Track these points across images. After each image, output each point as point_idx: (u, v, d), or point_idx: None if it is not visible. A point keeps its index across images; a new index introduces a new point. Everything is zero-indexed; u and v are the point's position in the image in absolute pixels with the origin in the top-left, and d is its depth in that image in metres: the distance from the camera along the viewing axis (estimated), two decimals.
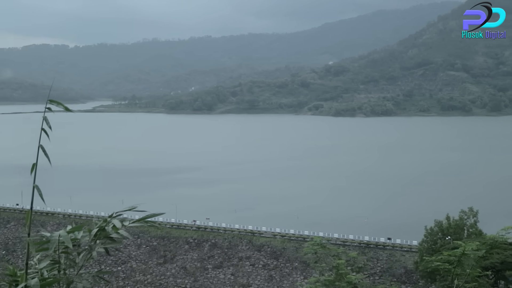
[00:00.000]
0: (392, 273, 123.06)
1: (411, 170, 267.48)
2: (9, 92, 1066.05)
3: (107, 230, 8.77)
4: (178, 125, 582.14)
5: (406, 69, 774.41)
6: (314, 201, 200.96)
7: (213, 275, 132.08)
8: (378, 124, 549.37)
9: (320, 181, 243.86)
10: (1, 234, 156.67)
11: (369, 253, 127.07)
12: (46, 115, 8.95)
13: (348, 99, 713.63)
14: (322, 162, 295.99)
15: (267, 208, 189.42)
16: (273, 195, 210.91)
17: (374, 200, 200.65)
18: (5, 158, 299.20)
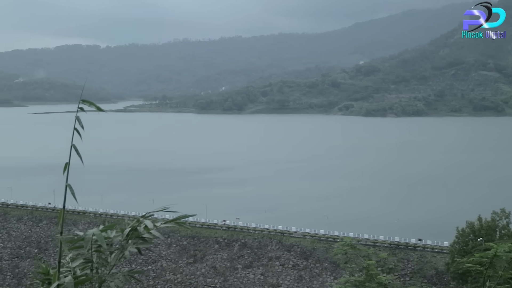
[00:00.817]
0: (423, 274, 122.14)
1: (443, 170, 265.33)
2: (42, 92, 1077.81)
3: (139, 230, 8.80)
4: (208, 125, 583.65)
5: (437, 69, 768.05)
6: (344, 201, 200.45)
7: (243, 275, 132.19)
8: (408, 124, 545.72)
9: (350, 181, 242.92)
10: (34, 232, 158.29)
11: (399, 254, 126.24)
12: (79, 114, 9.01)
13: (379, 99, 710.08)
14: (352, 162, 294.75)
15: (297, 208, 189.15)
16: (303, 195, 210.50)
17: (404, 201, 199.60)
18: (38, 158, 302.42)
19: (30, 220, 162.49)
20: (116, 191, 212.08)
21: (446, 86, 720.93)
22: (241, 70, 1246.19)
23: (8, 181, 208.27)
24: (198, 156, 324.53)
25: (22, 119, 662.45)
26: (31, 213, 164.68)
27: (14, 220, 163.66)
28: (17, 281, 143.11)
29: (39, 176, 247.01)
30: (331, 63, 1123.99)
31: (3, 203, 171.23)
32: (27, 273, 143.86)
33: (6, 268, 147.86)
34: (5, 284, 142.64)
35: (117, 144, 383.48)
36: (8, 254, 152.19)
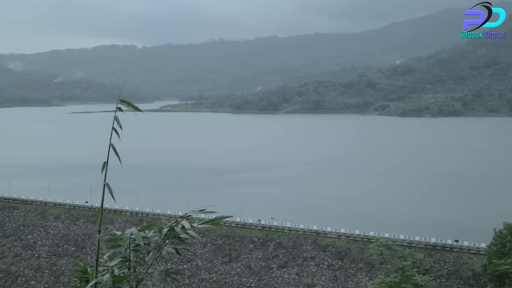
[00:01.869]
0: (460, 275, 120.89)
1: (479, 170, 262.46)
2: (79, 92, 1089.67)
3: (176, 230, 8.84)
4: (244, 125, 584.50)
5: (475, 69, 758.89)
6: (380, 201, 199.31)
7: (278, 274, 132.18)
8: (445, 124, 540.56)
9: (385, 181, 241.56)
10: (71, 231, 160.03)
11: (435, 255, 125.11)
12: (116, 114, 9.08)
13: (415, 99, 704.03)
14: (387, 163, 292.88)
15: (332, 208, 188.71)
16: (338, 195, 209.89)
17: (440, 201, 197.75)
18: (76, 157, 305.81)
19: (67, 218, 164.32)
20: (152, 190, 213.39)
21: (483, 86, 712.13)
22: (276, 70, 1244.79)
23: (47, 180, 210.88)
24: (233, 156, 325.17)
25: (60, 119, 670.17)
26: (69, 212, 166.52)
27: (52, 218, 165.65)
28: (54, 278, 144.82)
29: (76, 175, 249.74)
30: (367, 63, 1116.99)
31: (42, 202, 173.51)
32: (65, 271, 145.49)
33: (44, 265, 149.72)
34: (43, 282, 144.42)
35: (153, 143, 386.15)
36: (46, 252, 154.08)
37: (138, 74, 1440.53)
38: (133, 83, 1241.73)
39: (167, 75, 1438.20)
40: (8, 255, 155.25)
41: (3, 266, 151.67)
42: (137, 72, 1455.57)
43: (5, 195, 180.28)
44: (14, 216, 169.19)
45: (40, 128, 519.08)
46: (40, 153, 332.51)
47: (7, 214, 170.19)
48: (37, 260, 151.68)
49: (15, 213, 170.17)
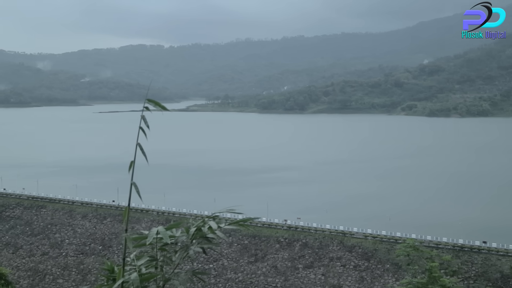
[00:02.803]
0: (488, 277, 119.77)
1: (508, 172, 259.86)
2: (107, 92, 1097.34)
3: (203, 230, 8.84)
4: (270, 125, 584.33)
5: (504, 69, 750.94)
6: (406, 202, 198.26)
7: (304, 274, 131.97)
8: (473, 124, 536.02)
9: (412, 182, 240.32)
10: (98, 229, 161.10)
11: (463, 257, 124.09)
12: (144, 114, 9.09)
13: (443, 99, 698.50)
14: (415, 163, 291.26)
15: (358, 208, 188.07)
16: (364, 196, 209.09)
17: (468, 202, 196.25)
18: (103, 156, 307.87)
19: (94, 217, 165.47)
20: (178, 190, 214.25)
21: None
22: (303, 70, 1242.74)
23: (74, 179, 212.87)
24: (259, 156, 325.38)
25: (87, 118, 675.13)
26: (96, 211, 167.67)
27: (79, 217, 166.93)
28: (82, 277, 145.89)
29: (103, 174, 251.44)
30: (394, 62, 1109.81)
31: (69, 201, 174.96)
32: (92, 270, 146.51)
33: (72, 264, 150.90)
34: (70, 280, 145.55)
35: (180, 143, 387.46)
36: (74, 251, 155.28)
37: (165, 74, 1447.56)
38: (160, 83, 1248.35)
39: (193, 75, 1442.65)
40: (36, 254, 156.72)
41: (31, 264, 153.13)
42: (164, 72, 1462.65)
43: (33, 193, 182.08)
44: (42, 215, 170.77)
45: (68, 128, 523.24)
46: (67, 152, 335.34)
47: (35, 213, 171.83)
48: (64, 259, 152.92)
49: (43, 212, 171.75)
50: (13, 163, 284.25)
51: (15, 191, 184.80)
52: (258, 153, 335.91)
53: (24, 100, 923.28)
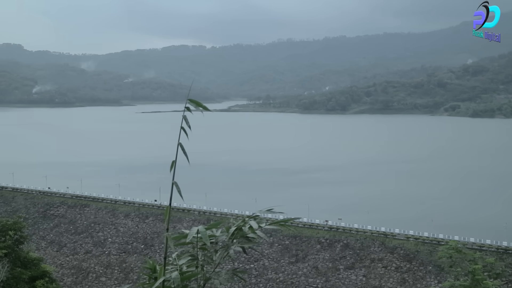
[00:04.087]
0: None
1: None
2: (149, 92, 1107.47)
3: (244, 230, 8.86)
4: (311, 125, 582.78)
5: None
6: (449, 203, 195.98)
7: (345, 275, 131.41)
8: None
9: (454, 183, 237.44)
10: (140, 228, 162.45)
11: (507, 259, 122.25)
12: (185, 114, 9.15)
13: (487, 100, 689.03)
14: (457, 164, 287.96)
15: (400, 209, 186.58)
16: (406, 196, 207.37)
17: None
18: (145, 156, 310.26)
19: (137, 216, 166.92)
20: (219, 190, 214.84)
21: None
22: (345, 70, 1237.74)
23: (117, 178, 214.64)
24: (300, 156, 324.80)
25: (130, 118, 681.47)
26: (138, 210, 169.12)
27: (122, 216, 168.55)
28: (124, 275, 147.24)
29: (146, 173, 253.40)
30: (437, 62, 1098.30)
31: (112, 200, 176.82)
32: (134, 268, 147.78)
33: (114, 262, 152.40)
34: (113, 278, 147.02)
35: (221, 143, 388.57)
36: (116, 249, 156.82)
37: (207, 74, 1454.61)
38: (202, 83, 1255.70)
39: (235, 75, 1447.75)
40: (80, 252, 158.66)
41: (74, 262, 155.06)
42: (206, 72, 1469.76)
43: (77, 192, 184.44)
44: (86, 214, 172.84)
45: (111, 127, 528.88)
46: (110, 152, 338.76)
47: (79, 212, 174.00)
48: (107, 257, 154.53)
49: (86, 211, 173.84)
50: (58, 162, 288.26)
51: (60, 190, 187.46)
52: (299, 154, 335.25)
53: (69, 100, 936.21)
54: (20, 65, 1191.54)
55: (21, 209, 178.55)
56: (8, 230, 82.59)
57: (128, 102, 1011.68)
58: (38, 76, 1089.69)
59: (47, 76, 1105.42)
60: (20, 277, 77.36)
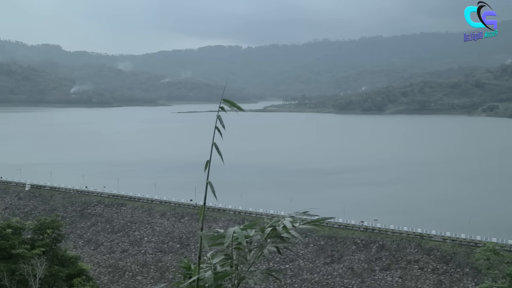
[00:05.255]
0: None
1: None
2: (185, 92, 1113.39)
3: (278, 229, 8.87)
4: (347, 125, 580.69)
5: None
6: (486, 204, 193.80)
7: (381, 277, 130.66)
8: None
9: (492, 184, 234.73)
10: (176, 228, 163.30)
11: None
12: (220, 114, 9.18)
13: None
14: (495, 164, 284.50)
15: (436, 210, 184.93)
16: (443, 198, 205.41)
17: None
18: (181, 155, 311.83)
19: (172, 216, 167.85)
20: (255, 190, 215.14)
21: None
22: (381, 70, 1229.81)
23: (153, 178, 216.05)
24: (336, 156, 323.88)
25: (166, 118, 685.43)
26: (174, 209, 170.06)
27: (158, 216, 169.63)
28: (160, 274, 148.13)
29: (181, 173, 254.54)
30: (474, 62, 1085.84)
31: (148, 199, 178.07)
32: (170, 267, 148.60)
33: (150, 261, 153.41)
34: (149, 277, 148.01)
35: (256, 143, 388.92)
36: (152, 248, 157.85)
37: (242, 74, 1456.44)
38: (238, 83, 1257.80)
39: (271, 75, 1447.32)
40: (116, 250, 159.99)
41: (111, 261, 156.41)
42: (241, 72, 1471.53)
43: (113, 192, 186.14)
44: (122, 213, 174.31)
45: (147, 128, 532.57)
46: (146, 152, 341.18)
47: (116, 211, 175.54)
48: (143, 256, 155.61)
49: (123, 210, 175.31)
50: (95, 162, 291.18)
51: (97, 189, 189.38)
52: (334, 154, 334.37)
53: (106, 100, 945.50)
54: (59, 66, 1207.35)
55: (59, 208, 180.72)
56: (46, 228, 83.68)
57: (164, 102, 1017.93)
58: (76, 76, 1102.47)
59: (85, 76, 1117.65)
60: (57, 275, 78.32)
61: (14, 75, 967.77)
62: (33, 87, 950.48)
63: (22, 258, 76.44)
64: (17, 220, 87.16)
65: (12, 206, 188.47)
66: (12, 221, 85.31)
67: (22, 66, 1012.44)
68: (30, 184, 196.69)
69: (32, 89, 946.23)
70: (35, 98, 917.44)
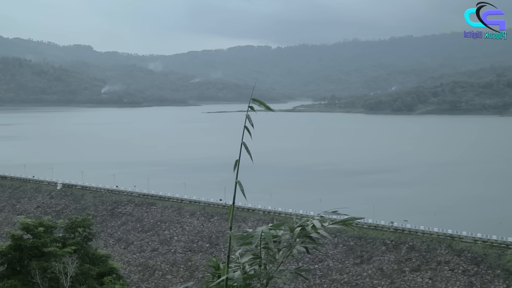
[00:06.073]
0: None
1: None
2: (215, 92, 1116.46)
3: (307, 229, 8.87)
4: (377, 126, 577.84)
5: None
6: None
7: (410, 278, 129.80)
8: None
9: None
10: (206, 227, 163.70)
11: None
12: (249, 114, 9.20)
13: None
14: None
15: (467, 211, 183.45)
16: (474, 198, 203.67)
17: None
18: (210, 155, 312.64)
19: (202, 215, 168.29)
20: (284, 189, 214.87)
21: None
22: (411, 70, 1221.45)
23: (183, 177, 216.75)
24: (365, 156, 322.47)
25: (196, 118, 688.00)
26: (203, 209, 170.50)
27: (188, 215, 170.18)
28: (189, 273, 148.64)
29: (211, 173, 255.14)
30: (507, 62, 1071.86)
31: (178, 199, 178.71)
32: (199, 267, 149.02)
33: (180, 260, 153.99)
34: (178, 276, 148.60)
35: (285, 143, 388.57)
36: (182, 248, 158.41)
37: (272, 74, 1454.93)
38: (267, 84, 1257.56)
39: (300, 75, 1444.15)
40: (146, 249, 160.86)
41: (141, 260, 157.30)
42: (271, 72, 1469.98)
43: (144, 191, 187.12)
44: (152, 212, 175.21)
45: (178, 127, 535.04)
46: (176, 151, 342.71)
47: (146, 210, 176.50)
48: (173, 255, 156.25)
49: (153, 209, 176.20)
50: (125, 161, 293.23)
51: (127, 189, 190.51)
52: (364, 154, 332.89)
53: (136, 100, 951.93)
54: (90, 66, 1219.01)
55: (90, 206, 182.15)
56: (77, 227, 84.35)
57: (194, 102, 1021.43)
58: (107, 77, 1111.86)
59: (116, 76, 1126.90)
60: (88, 273, 78.93)
61: (46, 76, 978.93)
62: (65, 87, 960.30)
63: (54, 256, 77.18)
64: (49, 219, 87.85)
65: (44, 205, 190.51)
66: (44, 219, 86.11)
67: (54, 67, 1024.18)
68: (62, 183, 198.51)
69: (63, 89, 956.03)
70: (67, 98, 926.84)
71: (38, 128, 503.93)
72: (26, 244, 78.59)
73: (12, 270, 79.17)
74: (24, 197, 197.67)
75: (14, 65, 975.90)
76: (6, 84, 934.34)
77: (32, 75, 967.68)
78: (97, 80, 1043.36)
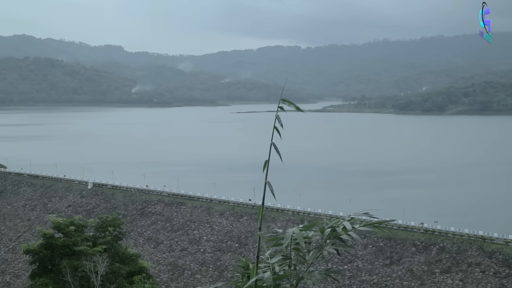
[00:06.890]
0: None
1: None
2: (245, 92, 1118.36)
3: (337, 231, 8.83)
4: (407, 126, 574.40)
5: None
6: None
7: (441, 279, 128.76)
8: None
9: None
10: (235, 227, 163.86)
11: None
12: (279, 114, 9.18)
13: None
14: None
15: (499, 212, 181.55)
16: (506, 199, 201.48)
17: None
18: (240, 155, 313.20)
19: (231, 215, 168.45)
20: (313, 190, 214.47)
21: None
22: (442, 70, 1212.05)
23: (212, 177, 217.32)
24: (395, 157, 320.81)
25: (226, 118, 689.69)
26: (233, 209, 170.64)
27: (217, 215, 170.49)
28: (218, 273, 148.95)
29: (241, 172, 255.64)
30: None
31: (207, 198, 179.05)
32: (228, 267, 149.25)
33: (209, 260, 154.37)
34: (207, 276, 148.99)
35: (315, 143, 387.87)
36: (211, 247, 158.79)
37: (301, 74, 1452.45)
38: (297, 84, 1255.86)
39: (330, 76, 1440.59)
40: (176, 249, 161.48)
41: (171, 259, 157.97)
42: (300, 72, 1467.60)
43: (173, 191, 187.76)
44: (182, 212, 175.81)
45: (207, 127, 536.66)
46: (206, 151, 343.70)
47: (175, 210, 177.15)
48: (202, 255, 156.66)
49: (182, 209, 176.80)
50: (155, 161, 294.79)
51: (157, 188, 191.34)
52: (394, 154, 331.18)
53: (166, 100, 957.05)
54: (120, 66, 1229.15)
55: (120, 206, 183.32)
56: (107, 226, 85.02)
57: (223, 102, 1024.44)
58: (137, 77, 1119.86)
59: (146, 76, 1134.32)
60: (118, 272, 79.49)
61: (78, 76, 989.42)
62: (96, 87, 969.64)
63: (84, 255, 77.87)
64: (80, 218, 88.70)
65: (75, 204, 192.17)
66: (74, 218, 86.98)
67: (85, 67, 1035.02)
68: (93, 183, 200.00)
69: (94, 89, 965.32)
70: (98, 98, 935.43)
71: (69, 128, 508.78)
72: (57, 243, 79.44)
73: (43, 269, 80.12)
74: (56, 196, 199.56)
75: (46, 65, 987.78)
76: (38, 84, 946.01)
77: (63, 75, 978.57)
78: (127, 80, 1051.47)
